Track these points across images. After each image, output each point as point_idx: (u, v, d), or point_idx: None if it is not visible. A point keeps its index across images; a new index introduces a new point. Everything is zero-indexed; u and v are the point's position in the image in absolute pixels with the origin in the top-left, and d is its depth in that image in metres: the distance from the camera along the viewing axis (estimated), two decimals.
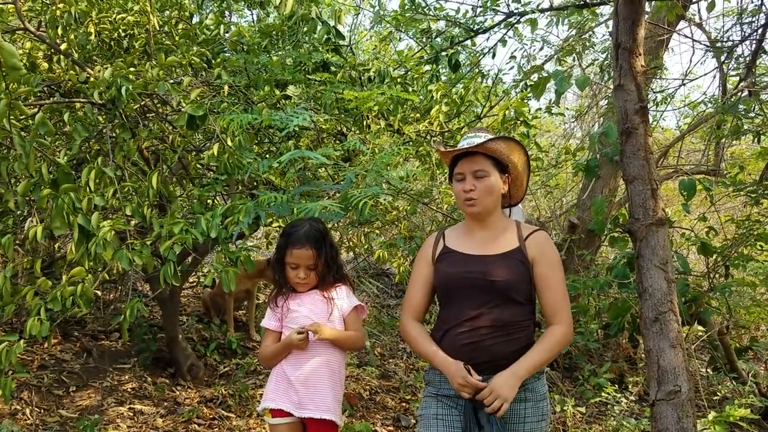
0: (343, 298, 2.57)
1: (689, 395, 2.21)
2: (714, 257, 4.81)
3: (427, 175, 4.50)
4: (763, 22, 4.15)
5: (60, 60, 3.20)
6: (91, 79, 3.03)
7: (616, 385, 4.37)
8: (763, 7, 4.33)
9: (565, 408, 4.08)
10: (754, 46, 4.12)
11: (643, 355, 4.16)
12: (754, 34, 4.23)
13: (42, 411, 3.79)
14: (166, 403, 4.10)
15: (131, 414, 3.92)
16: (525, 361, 2.07)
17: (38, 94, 3.23)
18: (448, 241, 2.30)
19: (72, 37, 3.17)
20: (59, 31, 3.09)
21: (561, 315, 2.15)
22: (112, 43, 3.42)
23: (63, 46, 3.11)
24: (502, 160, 2.21)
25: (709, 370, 5.22)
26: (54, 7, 3.10)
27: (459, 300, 2.18)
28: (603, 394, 4.10)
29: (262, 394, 2.57)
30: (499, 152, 2.20)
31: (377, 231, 5.69)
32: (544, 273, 2.17)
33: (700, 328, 4.94)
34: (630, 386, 4.28)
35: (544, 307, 2.19)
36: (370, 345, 5.39)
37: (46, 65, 3.22)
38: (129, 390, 4.19)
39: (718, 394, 4.58)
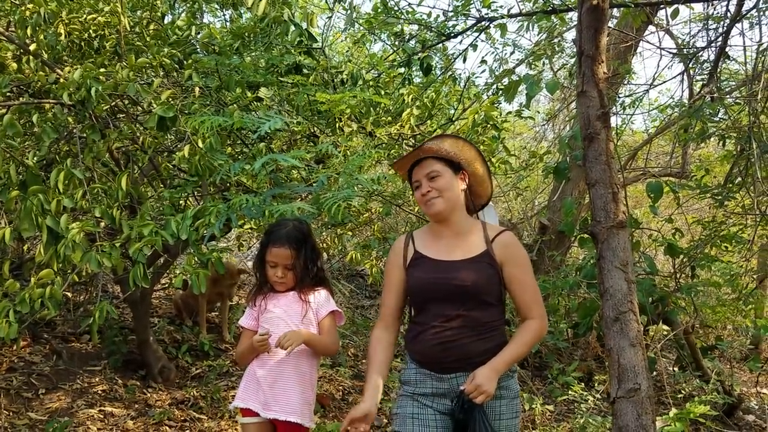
0: (321, 301, 2.57)
1: (648, 393, 2.28)
2: (680, 258, 4.91)
3: (398, 177, 4.53)
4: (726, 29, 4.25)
5: (29, 60, 3.17)
6: (61, 79, 3.01)
7: (585, 384, 4.46)
8: (728, 13, 4.44)
9: (534, 406, 4.15)
10: (716, 51, 4.22)
11: None
12: (717, 40, 4.33)
13: (11, 413, 3.75)
14: (136, 406, 4.09)
15: (101, 416, 3.90)
16: (502, 356, 2.13)
17: (7, 95, 3.20)
18: (418, 245, 2.32)
19: (41, 37, 3.14)
20: (28, 32, 3.07)
21: (535, 310, 2.22)
22: (83, 44, 3.39)
23: (32, 47, 3.09)
24: (451, 158, 2.26)
25: (675, 368, 5.34)
26: (23, 8, 3.08)
27: (432, 304, 2.22)
28: (570, 392, 4.18)
29: (234, 396, 2.58)
30: (444, 152, 2.25)
31: (350, 233, 5.71)
32: (516, 274, 2.23)
33: (666, 327, 5.05)
34: (596, 384, 4.36)
35: (518, 306, 2.25)
36: (343, 345, 5.41)
37: (15, 66, 3.19)
38: (99, 392, 4.17)
39: (683, 391, 4.69)
